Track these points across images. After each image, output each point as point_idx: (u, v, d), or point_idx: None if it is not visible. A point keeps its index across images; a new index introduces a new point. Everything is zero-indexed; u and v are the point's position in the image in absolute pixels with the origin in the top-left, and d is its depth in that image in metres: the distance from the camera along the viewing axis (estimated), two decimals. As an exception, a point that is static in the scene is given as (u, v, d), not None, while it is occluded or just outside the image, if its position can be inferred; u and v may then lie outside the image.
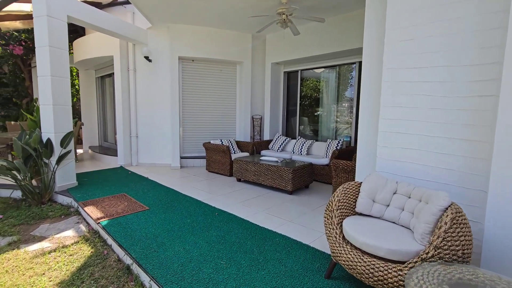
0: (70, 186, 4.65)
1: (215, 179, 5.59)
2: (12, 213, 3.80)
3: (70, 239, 3.16)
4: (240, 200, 4.22)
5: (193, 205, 3.90)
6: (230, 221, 3.35)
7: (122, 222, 3.28)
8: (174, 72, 6.32)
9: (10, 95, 9.58)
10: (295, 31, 5.05)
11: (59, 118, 4.40)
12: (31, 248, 2.93)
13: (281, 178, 4.51)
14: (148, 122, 6.64)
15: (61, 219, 3.72)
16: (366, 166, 3.05)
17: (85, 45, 7.18)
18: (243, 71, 6.96)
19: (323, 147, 5.88)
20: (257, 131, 7.23)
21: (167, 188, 4.76)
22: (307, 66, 6.69)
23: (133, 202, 3.97)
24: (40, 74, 4.32)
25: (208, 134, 7.04)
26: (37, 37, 4.25)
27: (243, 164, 5.14)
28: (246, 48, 6.82)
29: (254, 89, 7.22)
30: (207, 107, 6.96)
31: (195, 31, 6.32)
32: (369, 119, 3.01)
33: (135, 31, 6.05)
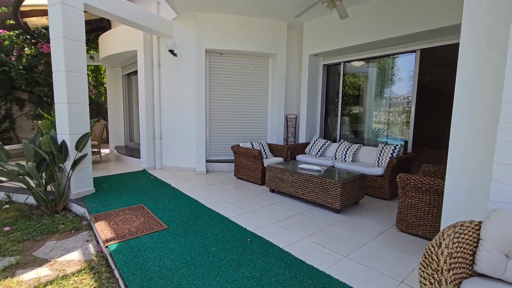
0: (86, 193, 4.21)
1: (245, 188, 4.89)
2: (21, 225, 3.38)
3: (74, 264, 2.61)
4: (275, 219, 3.45)
5: (220, 225, 3.21)
6: (266, 252, 2.60)
7: (134, 246, 2.67)
8: (200, 67, 5.71)
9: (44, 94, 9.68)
10: (343, 13, 4.15)
11: (75, 118, 3.95)
12: (26, 276, 2.41)
13: (326, 192, 3.67)
14: (172, 122, 6.12)
15: (70, 234, 3.23)
16: (463, 190, 2.14)
17: (109, 40, 6.84)
18: (276, 64, 6.18)
19: (373, 153, 4.92)
20: (291, 132, 6.42)
21: (190, 199, 4.14)
22: (352, 57, 5.74)
23: (150, 218, 3.38)
24: (55, 69, 3.89)
25: (236, 136, 6.36)
26: (52, 28, 3.82)
27: (278, 173, 4.37)
28: (280, 38, 6.02)
29: (289, 85, 6.41)
30: (235, 105, 6.29)
31: (224, 21, 5.65)
32: (471, 121, 2.09)
33: (160, 22, 5.52)
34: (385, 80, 5.62)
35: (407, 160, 4.40)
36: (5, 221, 3.50)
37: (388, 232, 3.15)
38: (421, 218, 2.93)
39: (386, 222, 3.45)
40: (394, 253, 2.67)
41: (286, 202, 4.15)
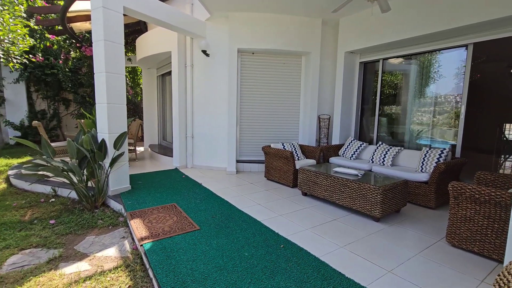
0: (123, 190, 4.36)
1: (276, 190, 4.76)
2: (64, 219, 3.57)
3: (111, 261, 2.67)
4: (309, 225, 3.29)
5: (252, 228, 3.12)
6: (301, 260, 2.46)
7: (167, 246, 2.67)
8: (232, 67, 5.68)
9: (87, 95, 10.36)
10: (384, 6, 3.86)
11: (114, 117, 4.09)
12: (68, 270, 2.51)
13: (365, 199, 3.42)
14: (204, 121, 6.18)
15: (108, 230, 3.34)
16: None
17: (146, 42, 7.08)
18: (309, 63, 5.97)
19: (415, 157, 4.54)
20: (324, 133, 6.16)
21: (221, 199, 4.11)
22: (392, 53, 5.35)
23: (182, 217, 3.38)
24: (96, 70, 4.06)
25: (267, 136, 6.26)
26: (94, 31, 3.99)
27: (311, 176, 4.18)
28: (314, 36, 5.80)
29: (322, 84, 6.16)
30: (266, 105, 6.18)
31: (256, 20, 5.57)
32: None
33: (193, 23, 5.58)
34: (428, 78, 5.18)
35: (457, 165, 3.98)
36: (51, 214, 3.71)
37: (437, 246, 2.84)
38: (478, 232, 2.59)
39: (434, 234, 3.12)
40: (446, 271, 2.39)
41: (320, 206, 3.96)
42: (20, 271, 2.46)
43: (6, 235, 3.11)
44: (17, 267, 2.54)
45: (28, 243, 2.94)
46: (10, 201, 4.17)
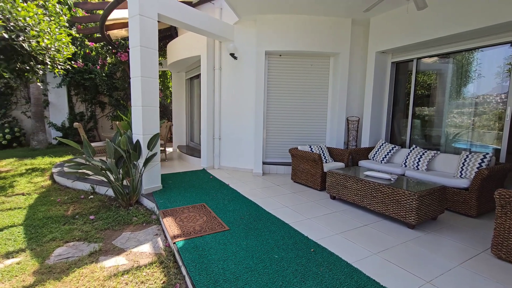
0: (155, 189, 4.54)
1: (303, 193, 4.71)
2: (102, 215, 3.79)
3: (146, 257, 2.79)
4: (340, 230, 3.21)
5: (281, 231, 3.11)
6: (332, 266, 2.41)
7: (199, 245, 2.75)
8: (259, 69, 5.72)
9: (121, 98, 10.95)
10: (421, 3, 3.68)
11: (147, 119, 4.29)
12: (107, 263, 2.66)
13: (399, 204, 3.28)
14: (231, 123, 6.27)
15: (142, 227, 3.49)
16: None
17: (176, 47, 7.35)
18: (338, 64, 5.85)
19: (453, 162, 4.27)
20: (353, 136, 6.00)
21: (249, 201, 4.14)
22: (427, 52, 5.09)
23: (212, 218, 3.46)
24: (132, 75, 4.28)
25: (293, 138, 6.22)
26: (131, 37, 4.21)
27: (340, 179, 4.09)
28: (343, 36, 5.68)
29: (351, 86, 6.01)
30: (293, 107, 6.15)
31: (284, 21, 5.57)
32: None
33: (222, 27, 5.70)
34: (467, 77, 4.86)
35: (501, 172, 3.69)
36: (91, 210, 3.96)
37: (481, 257, 2.65)
38: (529, 245, 2.38)
39: (476, 244, 2.92)
40: (492, 286, 2.22)
41: (350, 211, 3.86)
42: (65, 262, 2.65)
43: (52, 228, 3.37)
44: (63, 258, 2.74)
45: (72, 236, 3.16)
46: (55, 197, 4.50)
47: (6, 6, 4.28)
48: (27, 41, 4.61)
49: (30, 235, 3.19)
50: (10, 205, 4.14)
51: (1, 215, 3.76)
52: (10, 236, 3.16)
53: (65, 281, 2.36)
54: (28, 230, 3.30)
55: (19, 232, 3.25)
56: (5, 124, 9.54)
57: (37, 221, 3.54)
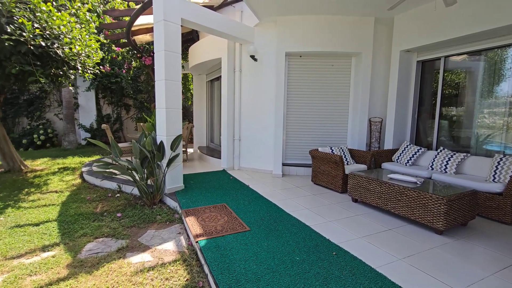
0: (177, 189, 4.66)
1: (324, 195, 4.65)
2: (128, 212, 3.95)
3: (170, 254, 2.88)
4: (362, 234, 3.14)
5: (301, 232, 3.10)
6: (355, 270, 2.36)
7: (220, 245, 2.79)
8: (279, 70, 5.73)
9: (145, 100, 11.36)
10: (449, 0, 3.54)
11: (171, 121, 4.42)
12: (134, 259, 2.77)
13: (426, 209, 3.16)
14: (250, 125, 6.32)
15: (166, 225, 3.60)
16: None
17: (198, 50, 7.52)
18: (360, 64, 5.73)
19: (485, 165, 4.05)
20: (376, 137, 5.84)
21: (269, 202, 4.15)
22: (456, 50, 4.86)
23: (233, 218, 3.50)
24: (157, 78, 4.43)
25: (314, 140, 6.16)
26: (156, 42, 4.36)
27: (362, 181, 4.00)
28: (366, 35, 5.56)
29: (373, 86, 5.86)
30: (313, 108, 6.09)
31: (305, 22, 5.53)
32: None
33: (243, 29, 5.77)
34: (500, 76, 4.58)
35: (541, 176, 3.44)
36: (117, 208, 4.14)
37: None
38: None
39: (504, 250, 2.75)
40: (531, 297, 2.08)
41: (373, 214, 3.76)
42: (95, 257, 2.79)
43: (83, 224, 3.56)
44: (93, 253, 2.89)
45: (101, 233, 3.32)
46: (84, 195, 4.75)
47: (43, 16, 4.59)
48: (61, 48, 4.91)
49: (63, 230, 3.39)
50: (45, 201, 4.42)
51: (37, 211, 4.03)
52: (46, 230, 3.38)
53: (95, 275, 2.49)
54: (62, 226, 3.51)
55: (53, 227, 3.46)
56: (39, 125, 10.19)
57: (69, 217, 3.76)
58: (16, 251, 2.91)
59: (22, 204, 4.28)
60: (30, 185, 5.31)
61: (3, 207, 4.16)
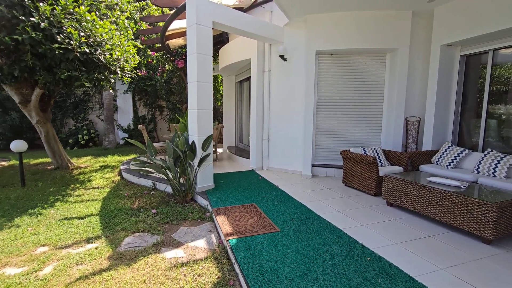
0: (207, 188, 4.78)
1: (356, 197, 4.48)
2: (162, 209, 4.13)
3: (201, 251, 2.96)
4: (399, 240, 2.97)
5: (333, 235, 3.01)
6: (392, 278, 2.24)
7: (251, 244, 2.81)
8: (309, 70, 5.63)
9: (177, 102, 11.82)
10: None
11: (202, 121, 4.54)
12: (168, 255, 2.89)
13: (471, 215, 2.91)
14: (279, 125, 6.29)
15: (197, 223, 3.71)
16: None
17: (227, 52, 7.65)
18: (396, 60, 5.44)
19: (543, 169, 3.62)
20: (413, 138, 5.51)
21: (298, 203, 4.09)
22: (508, 42, 4.41)
23: (262, 218, 3.51)
24: (189, 80, 4.58)
25: (345, 140, 5.96)
26: (188, 45, 4.51)
27: (399, 184, 3.79)
28: (402, 30, 5.27)
29: (411, 83, 5.54)
30: (345, 107, 5.90)
31: (336, 19, 5.38)
32: None
33: (272, 30, 5.76)
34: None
35: None
36: (152, 205, 4.35)
37: None
38: None
39: None
40: None
41: (410, 220, 3.55)
42: (133, 251, 2.95)
43: (122, 219, 3.78)
44: (131, 247, 3.06)
45: (138, 228, 3.51)
46: (123, 191, 5.05)
47: (88, 25, 4.97)
48: (103, 54, 5.27)
49: (104, 224, 3.63)
50: (89, 197, 4.78)
51: (82, 205, 4.36)
52: (90, 224, 3.64)
53: (133, 268, 2.63)
54: (103, 220, 3.76)
55: (96, 221, 3.72)
56: (83, 126, 11.04)
57: (110, 212, 4.02)
58: (64, 241, 3.18)
59: (69, 199, 4.66)
60: (75, 181, 5.77)
61: (53, 200, 4.56)
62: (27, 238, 3.24)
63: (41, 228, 3.53)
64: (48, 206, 4.29)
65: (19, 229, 3.48)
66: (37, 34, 4.36)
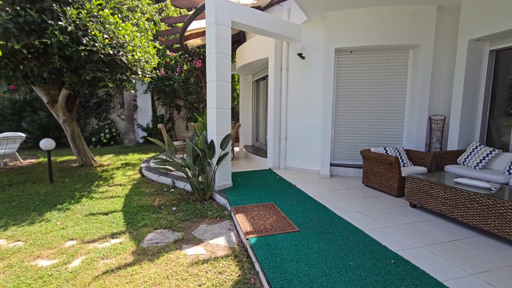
0: (226, 186, 4.82)
1: (377, 198, 4.37)
2: (182, 207, 4.20)
3: (221, 249, 2.99)
4: (424, 242, 2.87)
5: (354, 236, 2.95)
6: (418, 282, 2.17)
7: (270, 243, 2.81)
8: (328, 67, 5.54)
9: (194, 101, 11.99)
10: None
11: (221, 121, 4.58)
12: (189, 251, 2.94)
13: (503, 219, 2.76)
14: (297, 123, 6.23)
15: (216, 221, 3.75)
16: None
17: (244, 51, 7.66)
18: (419, 56, 5.25)
19: None
20: (437, 137, 5.30)
21: (317, 203, 4.04)
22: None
23: (281, 217, 3.49)
24: (208, 79, 4.63)
25: (364, 139, 5.83)
26: (208, 45, 4.56)
27: (423, 185, 3.66)
28: (426, 25, 5.07)
29: (435, 80, 5.33)
30: (364, 106, 5.77)
31: (356, 16, 5.26)
32: None
33: (291, 28, 5.71)
34: None
35: None
36: (172, 202, 4.44)
37: None
38: None
39: None
40: None
41: (435, 222, 3.41)
42: (155, 247, 3.03)
43: (144, 215, 3.89)
44: (153, 243, 3.14)
45: (159, 224, 3.59)
46: (144, 189, 5.19)
47: (111, 27, 5.13)
48: (125, 55, 5.43)
49: (127, 220, 3.74)
50: (112, 193, 4.94)
51: (106, 201, 4.52)
52: (114, 219, 3.77)
53: (156, 263, 2.70)
54: (126, 216, 3.88)
55: (119, 217, 3.85)
56: (105, 125, 11.44)
57: (132, 209, 4.14)
58: (91, 236, 3.31)
59: (93, 195, 4.84)
60: (99, 178, 5.99)
61: (79, 196, 4.76)
62: (57, 232, 3.40)
63: (68, 222, 3.69)
64: (74, 202, 4.48)
65: (49, 223, 3.66)
66: (64, 38, 4.55)
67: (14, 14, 4.36)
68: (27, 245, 3.11)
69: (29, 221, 3.73)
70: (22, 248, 3.03)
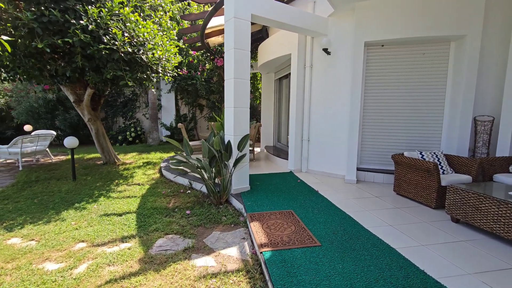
0: (243, 190, 4.56)
1: (411, 209, 3.87)
2: (196, 211, 4.01)
3: (233, 261, 2.72)
4: (473, 269, 2.39)
5: (385, 256, 2.54)
6: (469, 323, 1.74)
7: (287, 259, 2.49)
8: (356, 63, 5.07)
9: (216, 100, 11.92)
10: None
11: (239, 120, 4.33)
12: (198, 262, 2.71)
13: None
14: (321, 124, 5.82)
15: (230, 228, 3.50)
16: None
17: (267, 48, 7.36)
18: (463, 49, 4.63)
19: None
20: (483, 141, 4.64)
21: (342, 212, 3.65)
22: None
23: (301, 228, 3.15)
24: (226, 77, 4.39)
25: (396, 142, 5.29)
26: (226, 40, 4.32)
27: (469, 198, 3.13)
28: (473, 13, 4.45)
29: (482, 76, 4.67)
30: (396, 105, 5.22)
31: (389, 6, 4.75)
32: None
33: (316, 21, 5.31)
34: None
35: None
36: (187, 205, 4.26)
37: None
38: None
39: None
40: None
41: (485, 242, 2.89)
42: (164, 255, 2.83)
43: (156, 218, 3.74)
44: (162, 250, 2.95)
45: (170, 229, 3.41)
46: (161, 189, 5.09)
47: (131, 26, 5.09)
48: (145, 53, 5.37)
49: (140, 223, 3.61)
50: (129, 193, 4.89)
51: (122, 201, 4.46)
52: (126, 221, 3.66)
53: (162, 274, 2.50)
54: (139, 218, 3.75)
55: (132, 219, 3.73)
56: (131, 124, 11.71)
57: (146, 211, 4.02)
58: (101, 238, 3.20)
59: (111, 194, 4.81)
60: (120, 177, 6.01)
61: (98, 195, 4.75)
62: (69, 233, 3.34)
63: (82, 223, 3.64)
64: (92, 201, 4.47)
65: (63, 223, 3.62)
66: (85, 36, 4.55)
67: (39, 14, 4.42)
68: (39, 245, 3.06)
69: (46, 220, 3.73)
70: (34, 249, 2.98)
